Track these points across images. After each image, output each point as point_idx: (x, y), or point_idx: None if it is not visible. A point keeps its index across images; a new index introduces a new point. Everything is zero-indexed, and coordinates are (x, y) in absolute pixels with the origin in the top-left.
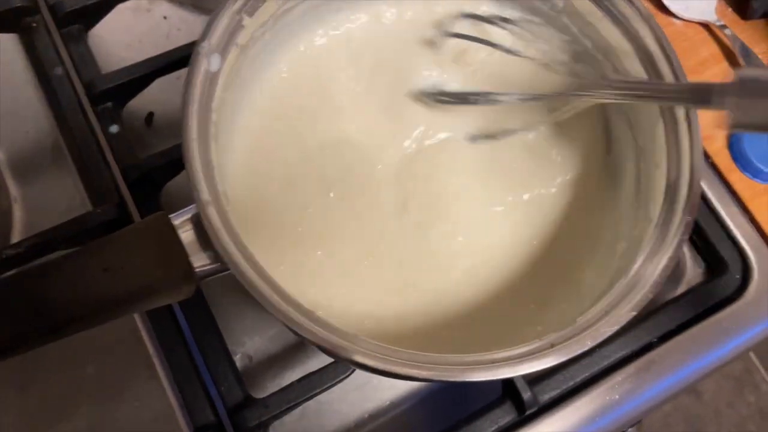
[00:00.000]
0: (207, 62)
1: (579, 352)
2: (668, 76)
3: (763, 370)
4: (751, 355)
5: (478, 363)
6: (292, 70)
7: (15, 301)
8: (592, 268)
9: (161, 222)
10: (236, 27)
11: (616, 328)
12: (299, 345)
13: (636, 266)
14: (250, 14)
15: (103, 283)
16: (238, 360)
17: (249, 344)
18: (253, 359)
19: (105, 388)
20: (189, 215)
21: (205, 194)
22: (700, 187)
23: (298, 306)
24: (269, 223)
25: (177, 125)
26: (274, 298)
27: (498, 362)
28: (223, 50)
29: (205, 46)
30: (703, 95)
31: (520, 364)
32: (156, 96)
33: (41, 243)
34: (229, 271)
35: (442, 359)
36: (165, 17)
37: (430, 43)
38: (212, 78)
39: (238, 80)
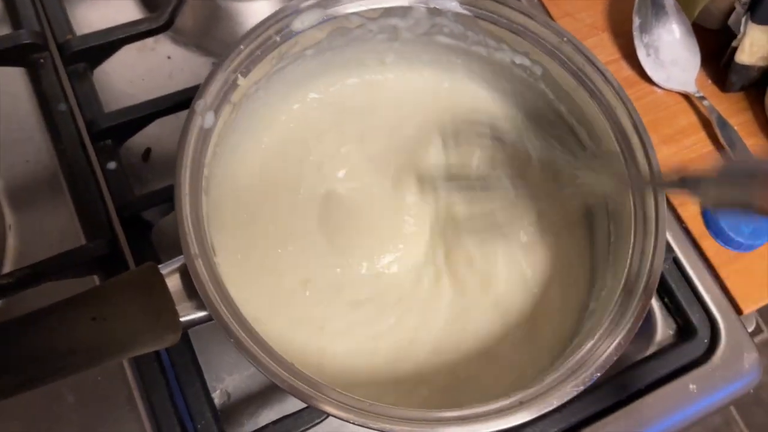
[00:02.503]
0: (201, 120)
1: (546, 410)
2: (638, 149)
3: (741, 423)
4: (731, 408)
5: (450, 419)
6: (282, 126)
7: (3, 351)
8: (562, 328)
9: (150, 272)
10: (230, 86)
11: (582, 388)
12: (276, 386)
13: (603, 328)
14: (245, 74)
15: (89, 333)
16: (217, 396)
17: (228, 381)
18: (232, 397)
19: (85, 418)
20: (177, 265)
21: (193, 248)
22: (662, 264)
23: (279, 359)
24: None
25: (173, 162)
26: (255, 350)
27: (469, 418)
28: (218, 108)
29: (200, 105)
30: (677, 181)
31: (491, 420)
32: (154, 132)
33: (32, 274)
34: (212, 321)
35: (416, 414)
36: (169, 57)
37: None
38: (206, 134)
39: (230, 135)
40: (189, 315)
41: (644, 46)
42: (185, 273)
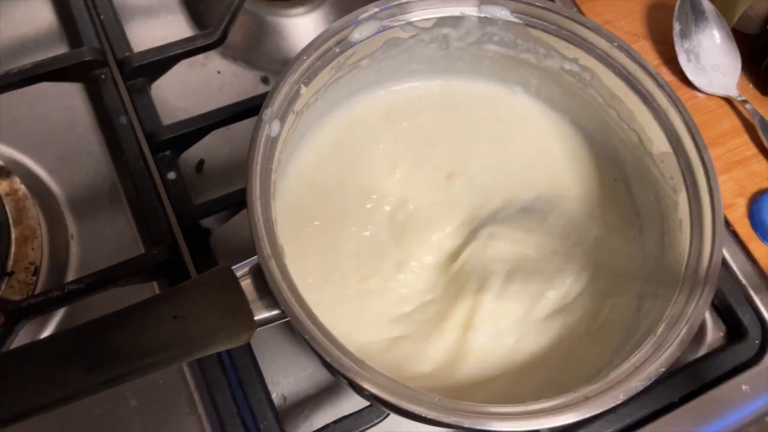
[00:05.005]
0: (268, 128)
1: (612, 405)
2: (691, 150)
3: None
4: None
5: (515, 414)
6: (337, 133)
7: (85, 353)
8: (622, 325)
9: (225, 274)
10: (294, 96)
11: (647, 383)
12: (331, 387)
13: (663, 325)
14: (306, 84)
15: (171, 331)
16: (274, 399)
17: (284, 384)
18: (288, 399)
19: (147, 420)
20: (248, 267)
21: (267, 250)
22: (721, 255)
23: (351, 356)
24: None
25: (225, 172)
26: (329, 346)
27: (534, 413)
28: (282, 117)
29: (267, 114)
30: None
31: (556, 415)
32: (206, 144)
33: (100, 280)
34: (285, 320)
35: (484, 409)
36: (218, 71)
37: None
38: (272, 142)
39: (291, 142)
40: (262, 314)
41: (685, 51)
42: (257, 274)
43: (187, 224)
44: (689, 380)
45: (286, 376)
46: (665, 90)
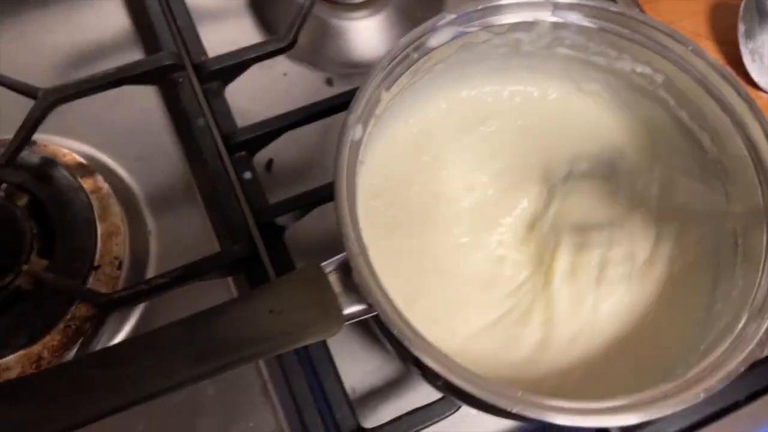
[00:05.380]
0: (353, 132)
1: (693, 403)
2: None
3: None
4: None
5: (594, 410)
6: (411, 135)
7: (191, 344)
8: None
9: (315, 271)
10: (375, 101)
11: (727, 381)
12: (398, 380)
13: (740, 324)
14: (387, 89)
15: (269, 324)
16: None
17: (352, 377)
18: (357, 391)
19: (223, 409)
20: (336, 264)
21: (356, 248)
22: None
23: (433, 347)
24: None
25: (293, 172)
26: (414, 339)
27: (612, 410)
28: (365, 121)
29: (352, 119)
30: None
31: (635, 412)
32: (275, 144)
33: (184, 275)
34: (371, 315)
35: (565, 405)
36: (285, 74)
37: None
38: (355, 145)
39: (371, 145)
40: (350, 309)
41: (750, 52)
42: (344, 270)
43: (263, 222)
44: (756, 379)
45: (354, 368)
46: (741, 94)
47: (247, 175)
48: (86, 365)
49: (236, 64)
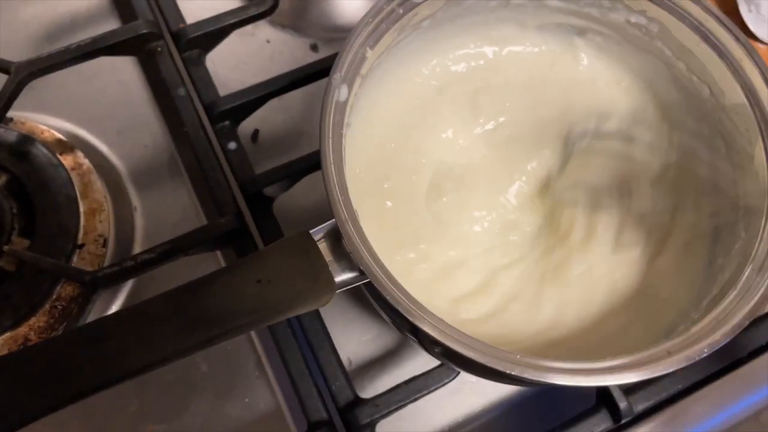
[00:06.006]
0: (338, 93)
1: (696, 359)
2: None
3: None
4: None
5: (598, 370)
6: (401, 96)
7: (178, 316)
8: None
9: (304, 238)
10: (360, 59)
11: (731, 336)
12: (394, 349)
13: (744, 277)
14: (372, 47)
15: (257, 294)
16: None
17: (348, 348)
18: (353, 362)
19: (217, 386)
20: (325, 231)
21: (343, 214)
22: None
23: (429, 313)
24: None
25: (280, 141)
26: (409, 305)
27: (618, 368)
28: (350, 81)
29: (336, 78)
30: None
31: (640, 369)
32: (260, 114)
33: (171, 249)
34: (363, 282)
35: (568, 366)
36: (268, 41)
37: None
38: (341, 106)
39: (358, 106)
40: (341, 276)
41: (746, 1)
42: (333, 237)
43: (250, 193)
44: (760, 334)
45: (350, 339)
46: (740, 40)
47: (232, 145)
48: (70, 342)
49: (216, 31)
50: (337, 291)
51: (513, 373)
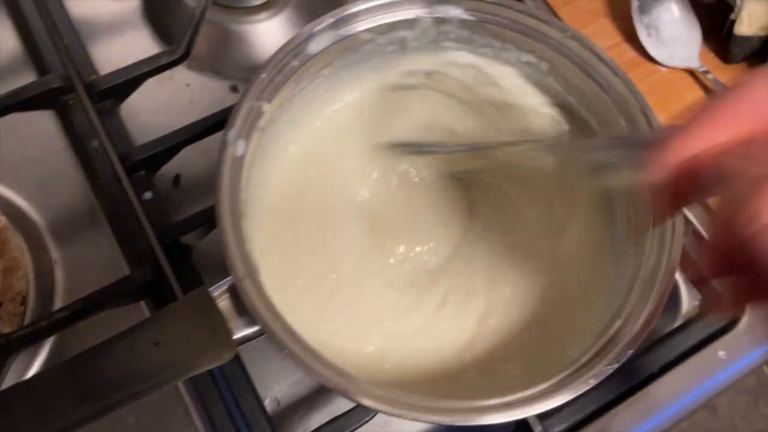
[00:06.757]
0: (233, 149)
1: (584, 389)
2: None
3: None
4: (765, 368)
5: (494, 407)
6: (305, 142)
7: (73, 387)
8: (594, 310)
9: (202, 296)
10: (257, 114)
11: (616, 365)
12: (323, 389)
13: (631, 306)
14: (269, 100)
15: (155, 357)
16: (268, 404)
17: (276, 389)
18: (281, 403)
19: None
20: (225, 287)
21: (241, 270)
22: (681, 244)
23: (328, 363)
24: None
25: (203, 185)
26: (308, 358)
27: (514, 404)
28: (247, 135)
29: (231, 135)
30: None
31: (534, 404)
32: (182, 158)
33: (86, 306)
34: (264, 335)
35: (460, 405)
36: (187, 84)
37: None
38: (239, 161)
39: (259, 158)
40: (241, 332)
41: (645, 27)
42: (233, 293)
43: (168, 242)
44: (667, 351)
45: (278, 380)
46: (618, 75)
47: (148, 195)
48: None
49: (128, 81)
50: (239, 346)
51: (408, 418)
